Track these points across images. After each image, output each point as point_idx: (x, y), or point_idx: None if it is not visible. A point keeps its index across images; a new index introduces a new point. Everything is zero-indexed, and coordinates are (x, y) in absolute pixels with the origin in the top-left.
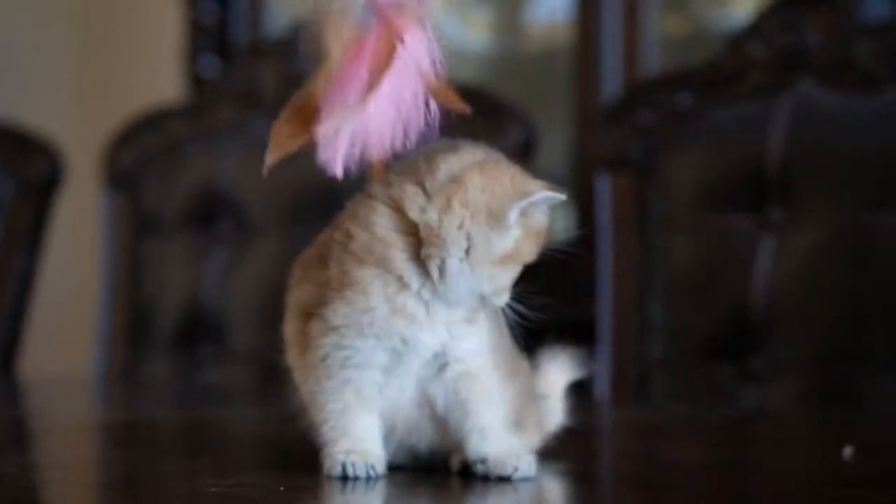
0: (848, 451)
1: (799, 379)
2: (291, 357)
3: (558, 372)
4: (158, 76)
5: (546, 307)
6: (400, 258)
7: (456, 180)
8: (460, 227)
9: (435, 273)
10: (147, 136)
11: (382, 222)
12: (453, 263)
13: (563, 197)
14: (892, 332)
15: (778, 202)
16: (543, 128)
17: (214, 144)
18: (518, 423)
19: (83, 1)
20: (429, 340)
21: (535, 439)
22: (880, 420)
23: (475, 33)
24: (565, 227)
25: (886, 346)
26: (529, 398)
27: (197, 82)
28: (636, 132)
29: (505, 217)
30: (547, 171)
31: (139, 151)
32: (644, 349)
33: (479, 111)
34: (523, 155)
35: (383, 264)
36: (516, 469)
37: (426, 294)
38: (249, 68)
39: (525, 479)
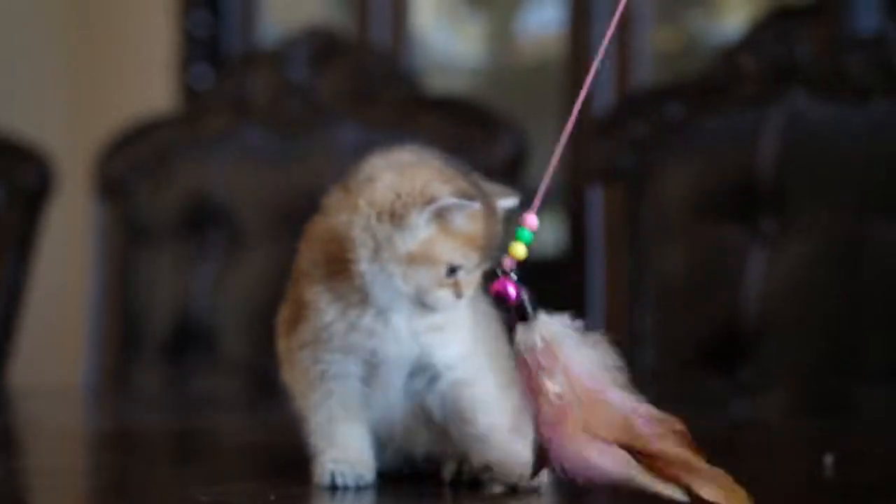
0: (829, 460)
1: (789, 389)
2: (284, 373)
3: None
4: (151, 86)
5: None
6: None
7: (370, 181)
8: (365, 227)
9: (356, 276)
10: (138, 144)
11: (321, 234)
12: (363, 264)
13: (474, 206)
14: (882, 342)
15: (769, 213)
16: (535, 139)
17: (206, 153)
18: (516, 430)
19: (75, 10)
20: (395, 352)
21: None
22: (868, 429)
23: (468, 45)
24: (557, 239)
25: (877, 357)
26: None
27: (189, 92)
28: (628, 144)
29: (407, 218)
30: (538, 183)
31: (130, 160)
32: (635, 359)
33: (472, 123)
34: (515, 166)
35: (325, 281)
36: (522, 476)
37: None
38: (241, 78)
39: (532, 489)
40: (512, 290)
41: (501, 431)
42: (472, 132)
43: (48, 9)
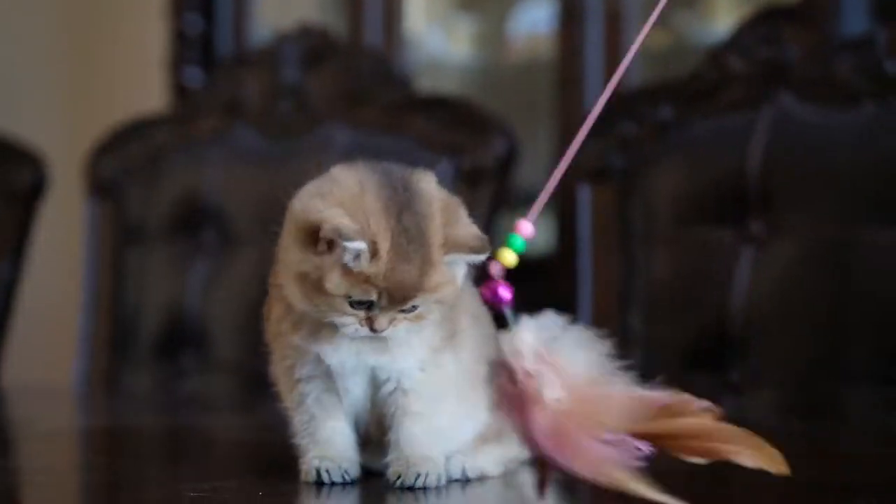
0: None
1: (778, 390)
2: (271, 370)
3: None
4: (143, 86)
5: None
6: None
7: (303, 189)
8: (285, 245)
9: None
10: (131, 145)
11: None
12: (281, 273)
13: (356, 246)
14: (870, 344)
15: (758, 215)
16: (526, 139)
17: (198, 154)
18: (498, 433)
19: (69, 11)
20: (338, 361)
21: (514, 450)
22: (854, 430)
23: (459, 46)
24: (546, 239)
25: (864, 358)
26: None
27: (181, 93)
28: (617, 144)
29: (303, 240)
30: (528, 183)
31: (123, 160)
32: (623, 359)
33: (463, 123)
34: (506, 166)
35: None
36: (418, 476)
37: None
38: (233, 78)
39: (427, 488)
40: (505, 294)
41: (421, 440)
42: (463, 132)
43: (42, 9)
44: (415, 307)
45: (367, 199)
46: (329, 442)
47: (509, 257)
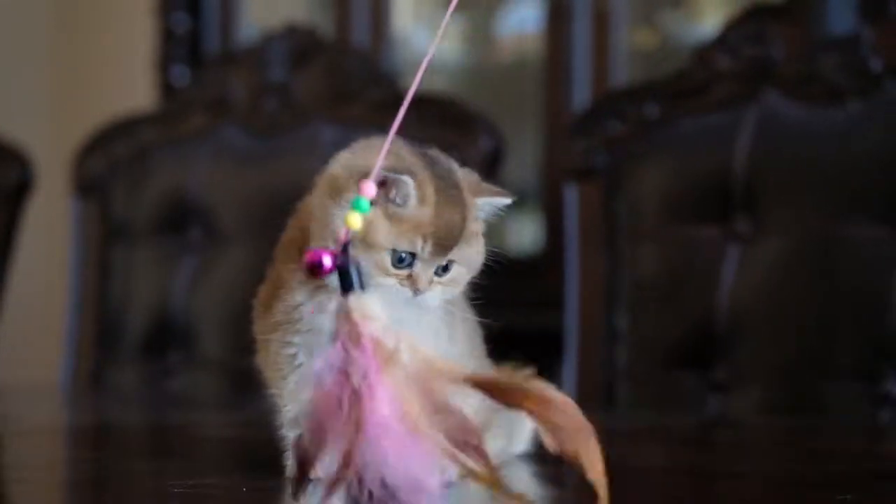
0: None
1: (763, 388)
2: (258, 357)
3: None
4: (131, 85)
5: (513, 317)
6: None
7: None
8: (318, 204)
9: None
10: (117, 143)
11: (302, 211)
12: (314, 241)
13: (405, 179)
14: (855, 341)
15: (743, 213)
16: (513, 138)
17: (185, 152)
18: (484, 426)
19: (56, 9)
20: None
21: (500, 444)
22: (839, 426)
23: (446, 45)
24: (533, 237)
25: (849, 356)
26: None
27: (168, 91)
28: (604, 142)
29: (346, 193)
30: (516, 181)
31: (109, 158)
32: (610, 358)
33: (449, 122)
34: (492, 164)
35: (300, 259)
36: None
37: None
38: (220, 77)
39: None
40: (327, 260)
41: None
42: (449, 131)
43: (28, 8)
44: (450, 266)
45: (403, 152)
46: None
47: (355, 220)
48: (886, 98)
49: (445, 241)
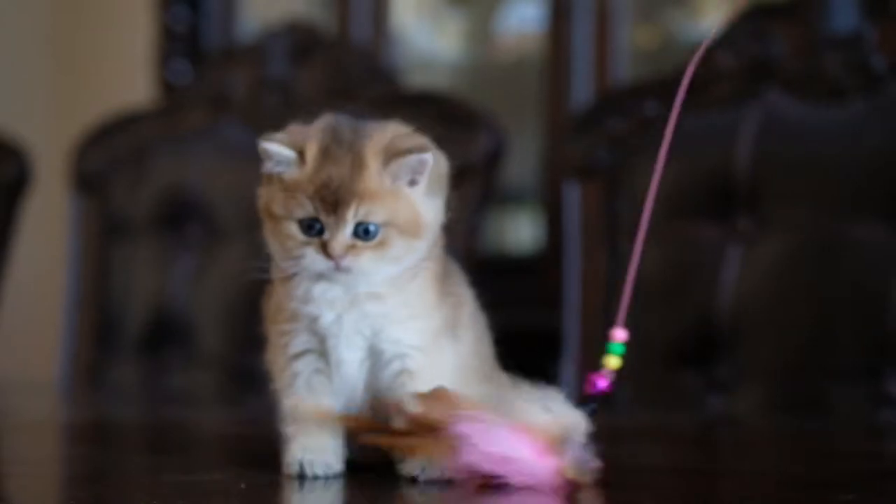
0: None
1: (764, 386)
2: (265, 354)
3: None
4: (130, 81)
5: (513, 316)
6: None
7: None
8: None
9: None
10: (116, 138)
11: None
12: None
13: (263, 145)
14: (856, 340)
15: (745, 211)
16: (515, 136)
17: (184, 148)
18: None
19: (56, 4)
20: (332, 318)
21: None
22: (840, 426)
23: (447, 43)
24: (534, 235)
25: (851, 355)
26: (501, 404)
27: (168, 87)
28: (605, 140)
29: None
30: (517, 179)
31: (108, 154)
32: None
33: (450, 119)
34: (493, 162)
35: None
36: (423, 469)
37: (336, 276)
38: (220, 73)
39: (430, 481)
40: (602, 383)
41: None
42: (450, 128)
43: (28, 3)
44: (373, 229)
45: (312, 127)
46: (315, 433)
47: (613, 361)
48: (889, 96)
49: (332, 197)
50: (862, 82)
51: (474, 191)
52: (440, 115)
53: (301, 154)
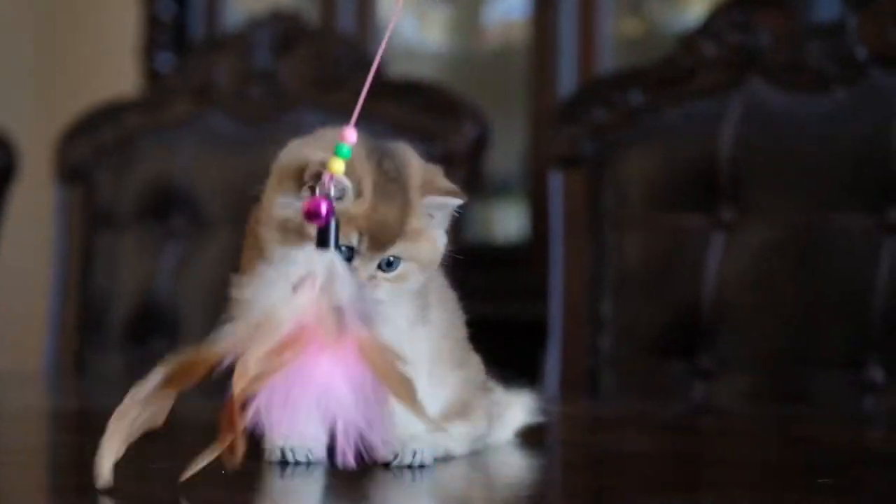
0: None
1: (748, 376)
2: None
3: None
4: (116, 71)
5: (498, 305)
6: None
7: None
8: (267, 192)
9: None
10: (101, 129)
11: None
12: (262, 228)
13: (345, 179)
14: (840, 330)
15: (729, 201)
16: (499, 126)
17: (169, 138)
18: (463, 411)
19: None
20: None
21: (482, 426)
22: (823, 415)
23: (432, 32)
24: (518, 225)
25: (834, 345)
26: (477, 388)
27: (153, 77)
28: (589, 130)
29: (285, 184)
30: (501, 169)
31: (93, 144)
32: (595, 345)
33: (435, 109)
34: (477, 151)
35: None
36: (415, 454)
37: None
38: (205, 63)
39: (423, 467)
40: (324, 208)
41: (406, 421)
42: (435, 118)
43: None
44: (394, 261)
45: (355, 153)
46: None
47: (337, 165)
48: (872, 86)
49: (381, 237)
50: (845, 72)
51: (459, 179)
52: (425, 104)
53: (358, 185)
